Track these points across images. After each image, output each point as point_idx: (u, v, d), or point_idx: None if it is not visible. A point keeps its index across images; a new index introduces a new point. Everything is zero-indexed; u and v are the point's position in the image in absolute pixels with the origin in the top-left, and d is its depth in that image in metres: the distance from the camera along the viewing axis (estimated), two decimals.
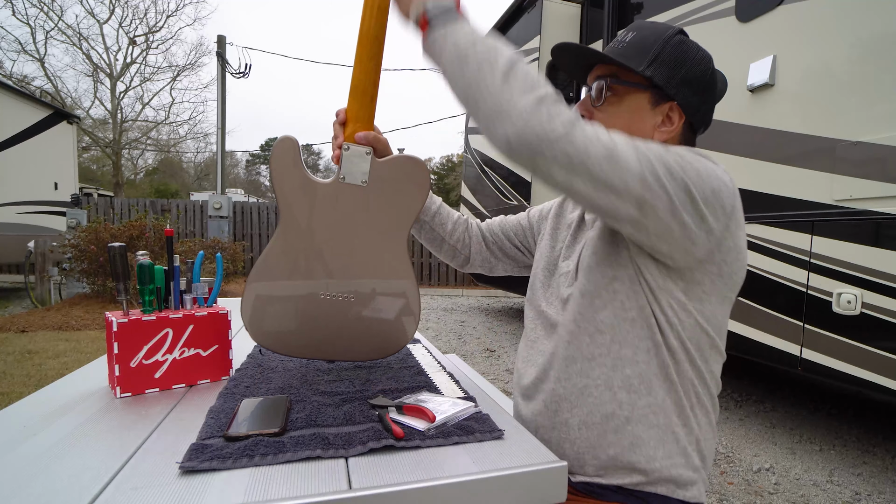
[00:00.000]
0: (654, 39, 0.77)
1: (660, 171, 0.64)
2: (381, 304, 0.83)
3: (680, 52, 0.77)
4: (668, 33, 0.78)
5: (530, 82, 0.63)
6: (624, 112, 0.78)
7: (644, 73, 0.76)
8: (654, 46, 0.77)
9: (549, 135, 0.61)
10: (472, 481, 0.51)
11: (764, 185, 2.28)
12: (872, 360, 1.84)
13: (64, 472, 0.52)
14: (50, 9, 16.34)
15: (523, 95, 0.62)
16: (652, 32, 0.78)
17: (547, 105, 0.62)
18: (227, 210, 8.78)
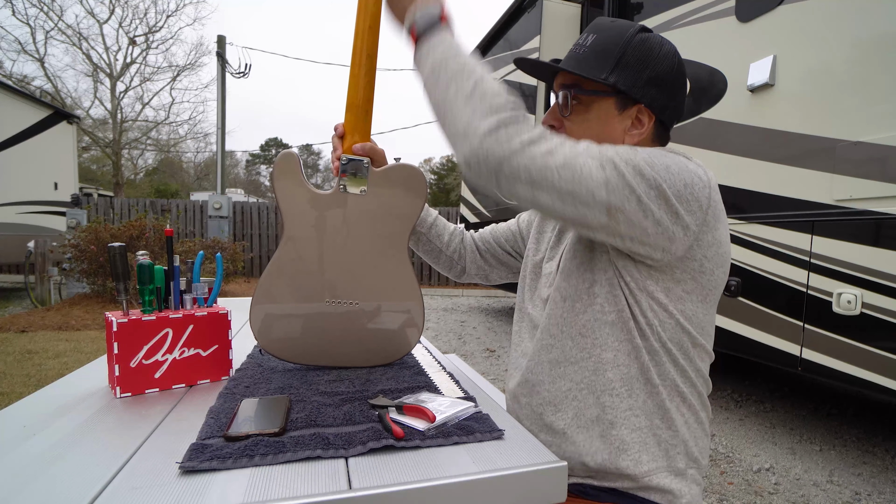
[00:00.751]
0: (615, 42, 0.75)
1: (626, 173, 0.63)
2: (386, 310, 0.86)
3: (643, 52, 0.75)
4: (629, 34, 0.75)
5: (493, 104, 0.64)
6: (592, 120, 0.77)
7: (607, 81, 0.74)
8: (615, 50, 0.75)
9: (507, 153, 0.63)
10: (472, 481, 0.51)
11: (764, 185, 2.28)
12: (872, 360, 1.84)
13: (64, 472, 0.52)
14: (50, 9, 16.34)
15: (484, 118, 0.64)
16: (613, 34, 0.76)
17: (506, 126, 0.64)
18: (227, 210, 8.78)
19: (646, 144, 0.78)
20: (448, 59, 0.68)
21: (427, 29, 0.72)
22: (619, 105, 0.76)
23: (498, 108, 0.64)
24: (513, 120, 0.64)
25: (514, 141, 0.63)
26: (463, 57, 0.69)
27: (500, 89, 0.67)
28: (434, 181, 35.49)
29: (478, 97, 0.65)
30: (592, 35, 0.77)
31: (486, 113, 0.64)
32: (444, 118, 0.68)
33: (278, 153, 0.87)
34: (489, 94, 0.65)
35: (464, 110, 0.65)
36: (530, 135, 0.64)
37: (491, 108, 0.64)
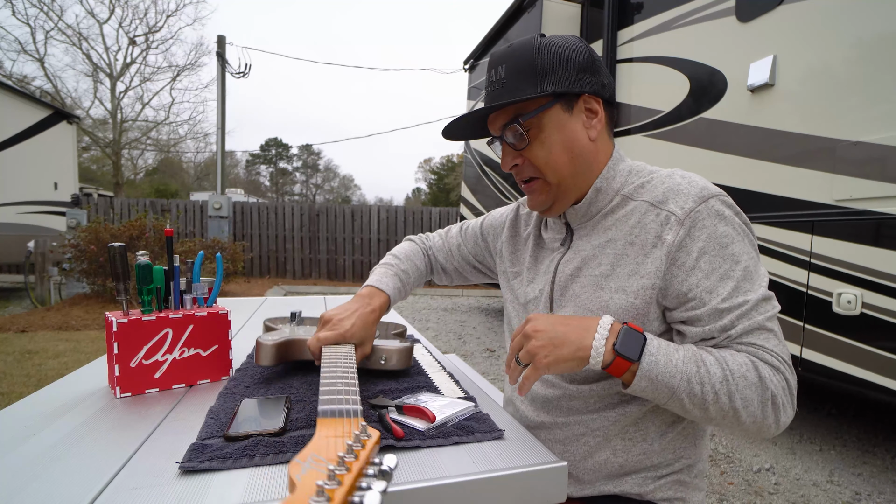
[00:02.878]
0: (527, 58, 0.74)
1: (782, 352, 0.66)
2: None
3: (556, 52, 0.74)
4: (534, 45, 0.75)
5: (751, 403, 0.62)
6: (551, 135, 0.75)
7: (544, 92, 0.73)
8: (532, 64, 0.74)
9: (774, 432, 0.66)
10: (472, 481, 0.51)
11: (764, 185, 2.28)
12: (872, 360, 1.84)
13: (64, 472, 0.52)
14: (50, 9, 16.34)
15: (762, 419, 0.63)
16: (519, 53, 0.75)
17: (776, 408, 0.63)
18: (227, 210, 8.78)
19: (603, 128, 0.78)
20: (681, 382, 0.62)
21: (632, 357, 0.63)
22: (565, 107, 0.75)
23: (759, 402, 0.63)
24: (770, 399, 0.63)
25: (780, 420, 0.64)
26: (685, 368, 0.63)
27: (733, 376, 0.62)
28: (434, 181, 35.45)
29: (735, 401, 0.62)
30: (501, 66, 0.76)
31: (754, 413, 0.63)
32: (715, 423, 0.66)
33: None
34: (739, 390, 0.62)
35: (733, 420, 0.63)
36: (781, 395, 0.64)
37: (753, 406, 0.62)
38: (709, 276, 0.67)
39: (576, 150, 0.76)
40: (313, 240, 9.54)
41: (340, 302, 1.70)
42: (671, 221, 0.69)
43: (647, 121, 3.01)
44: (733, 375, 0.62)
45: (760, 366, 0.63)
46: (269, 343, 0.78)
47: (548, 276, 0.83)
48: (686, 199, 0.70)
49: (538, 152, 0.76)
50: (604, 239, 0.76)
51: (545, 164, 0.76)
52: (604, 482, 0.76)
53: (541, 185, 0.78)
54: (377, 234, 9.55)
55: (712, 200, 0.69)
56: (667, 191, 0.72)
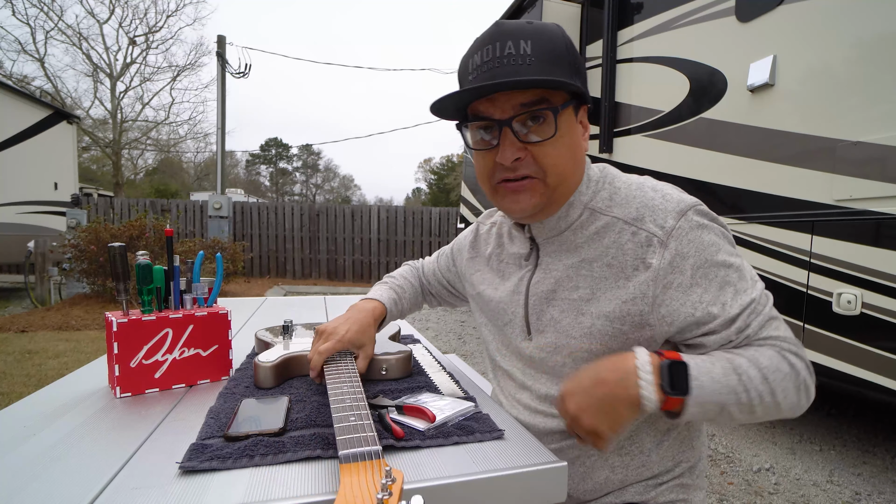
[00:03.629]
0: (562, 46, 0.66)
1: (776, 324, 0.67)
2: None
3: (577, 53, 0.69)
4: (562, 35, 0.68)
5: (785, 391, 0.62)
6: (564, 136, 0.68)
7: (578, 87, 0.66)
8: (568, 53, 0.67)
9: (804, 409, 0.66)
10: (472, 481, 0.51)
11: (764, 185, 2.27)
12: (872, 360, 1.84)
13: (64, 472, 0.52)
14: (50, 9, 16.35)
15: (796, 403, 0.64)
16: (554, 37, 0.66)
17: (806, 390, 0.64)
18: (227, 210, 8.78)
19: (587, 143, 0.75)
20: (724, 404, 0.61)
21: (682, 392, 0.59)
22: (575, 111, 0.70)
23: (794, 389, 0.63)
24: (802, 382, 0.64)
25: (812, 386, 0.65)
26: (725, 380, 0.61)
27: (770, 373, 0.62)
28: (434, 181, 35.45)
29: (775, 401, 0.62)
30: (525, 41, 0.65)
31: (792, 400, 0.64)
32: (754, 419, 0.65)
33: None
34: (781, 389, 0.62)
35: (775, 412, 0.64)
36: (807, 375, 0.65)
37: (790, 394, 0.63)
38: (708, 289, 0.65)
39: (578, 158, 0.71)
40: (313, 240, 9.54)
41: (340, 302, 1.70)
42: (653, 243, 0.66)
43: (647, 121, 3.01)
44: (770, 371, 0.61)
45: (787, 355, 0.63)
46: (267, 365, 0.77)
47: (519, 296, 0.78)
48: (665, 217, 0.66)
49: (550, 151, 0.67)
50: (577, 258, 0.72)
51: (553, 164, 0.68)
52: (607, 496, 0.76)
53: (537, 185, 0.69)
54: (377, 234, 9.55)
55: (690, 213, 0.66)
56: (640, 207, 0.68)
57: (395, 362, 0.83)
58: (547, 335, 0.74)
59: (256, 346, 0.98)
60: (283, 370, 0.80)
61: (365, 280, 9.57)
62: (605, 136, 3.34)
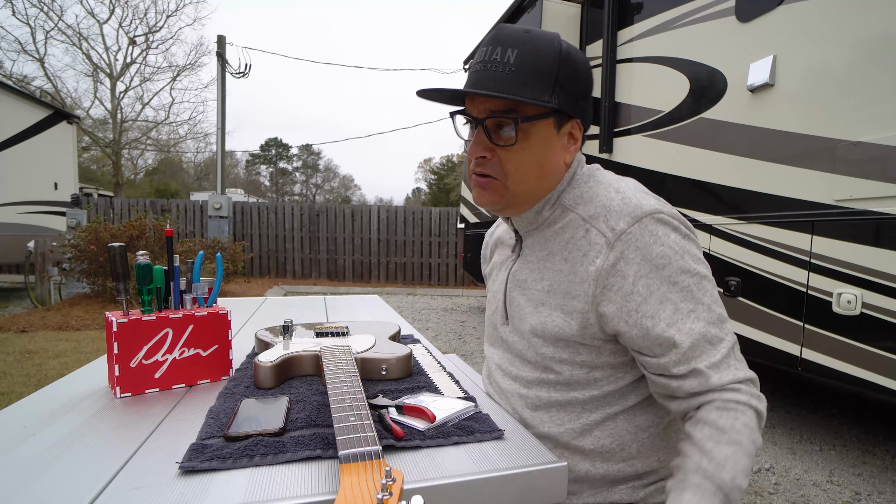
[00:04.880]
0: (547, 60, 0.68)
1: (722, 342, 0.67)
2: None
3: (572, 67, 0.70)
4: (556, 49, 0.69)
5: (755, 438, 0.63)
6: (534, 146, 0.71)
7: (550, 104, 0.68)
8: (551, 69, 0.68)
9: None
10: (472, 481, 0.51)
11: (764, 185, 2.28)
12: (872, 360, 1.84)
13: (64, 472, 0.52)
14: (50, 9, 16.34)
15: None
16: (539, 48, 0.68)
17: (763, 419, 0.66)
18: (227, 210, 8.78)
19: (576, 154, 0.76)
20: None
21: None
22: (556, 124, 0.71)
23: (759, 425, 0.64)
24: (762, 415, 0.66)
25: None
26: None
27: (743, 438, 0.62)
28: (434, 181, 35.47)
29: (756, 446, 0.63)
30: (511, 50, 0.67)
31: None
32: None
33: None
34: (753, 440, 0.63)
35: None
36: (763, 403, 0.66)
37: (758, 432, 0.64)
38: (647, 300, 0.65)
39: (548, 168, 0.73)
40: (313, 240, 9.54)
41: (340, 302, 1.70)
42: (600, 243, 0.67)
43: (647, 121, 3.01)
44: (741, 436, 0.61)
45: (754, 402, 0.64)
46: (267, 365, 0.78)
47: (502, 284, 0.83)
48: (617, 220, 0.67)
49: (513, 157, 0.71)
50: (545, 252, 0.75)
51: (515, 170, 0.71)
52: (591, 494, 0.76)
53: (497, 185, 0.73)
54: (377, 234, 9.54)
55: (645, 220, 0.66)
56: (599, 206, 0.70)
57: (395, 362, 0.83)
58: (516, 321, 0.79)
59: (256, 346, 0.98)
60: (283, 370, 0.80)
61: (365, 280, 9.57)
62: (605, 136, 3.34)
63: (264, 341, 0.93)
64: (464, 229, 6.64)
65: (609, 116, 3.32)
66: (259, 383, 0.77)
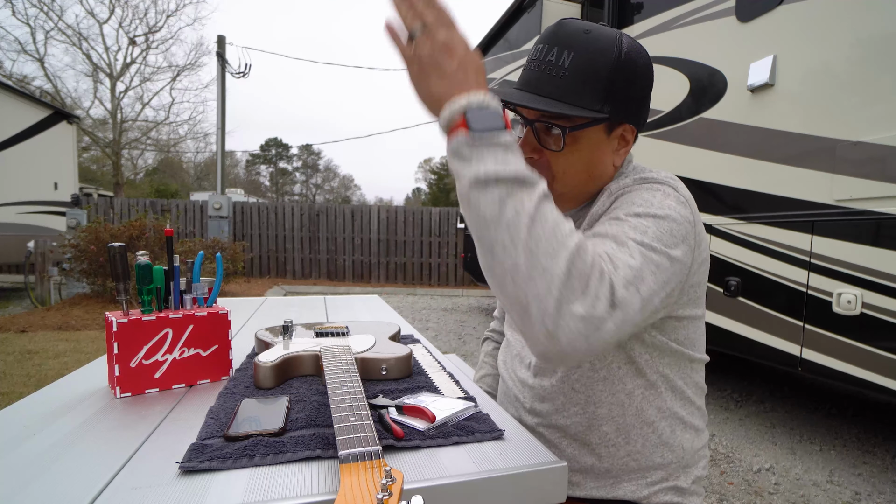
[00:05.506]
0: (602, 65, 0.66)
1: (652, 298, 0.57)
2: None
3: (629, 72, 0.68)
4: (615, 53, 0.67)
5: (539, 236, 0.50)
6: (583, 150, 0.71)
7: (602, 112, 0.67)
8: (604, 75, 0.67)
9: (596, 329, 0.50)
10: (472, 481, 0.51)
11: (764, 185, 2.28)
12: (872, 360, 1.84)
13: (64, 472, 0.52)
14: (50, 9, 16.35)
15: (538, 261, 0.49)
16: (597, 55, 0.66)
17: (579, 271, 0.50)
18: (227, 210, 8.78)
19: (625, 155, 0.75)
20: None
21: (481, 134, 0.53)
22: (607, 129, 0.71)
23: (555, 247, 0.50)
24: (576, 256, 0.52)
25: (598, 305, 0.51)
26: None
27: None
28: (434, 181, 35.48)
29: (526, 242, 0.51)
30: (568, 52, 0.67)
31: (544, 263, 0.50)
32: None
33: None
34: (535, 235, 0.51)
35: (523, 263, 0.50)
36: (604, 280, 0.52)
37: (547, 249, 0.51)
38: (607, 216, 0.66)
39: (596, 171, 0.73)
40: (313, 240, 9.54)
41: (340, 302, 1.70)
42: (604, 196, 0.71)
43: (647, 121, 3.01)
44: (546, 219, 0.50)
45: (588, 243, 0.53)
46: (267, 365, 0.77)
47: None
48: (627, 180, 0.71)
49: (561, 161, 0.71)
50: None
51: (563, 174, 0.72)
52: (595, 486, 0.76)
53: None
54: (377, 234, 9.55)
55: (651, 182, 0.68)
56: (627, 182, 0.72)
57: (395, 362, 0.83)
58: None
59: (256, 346, 0.98)
60: (283, 370, 0.80)
61: (365, 280, 9.57)
62: None
63: (264, 341, 0.93)
64: (464, 229, 6.64)
65: None
66: (259, 383, 0.77)
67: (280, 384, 0.79)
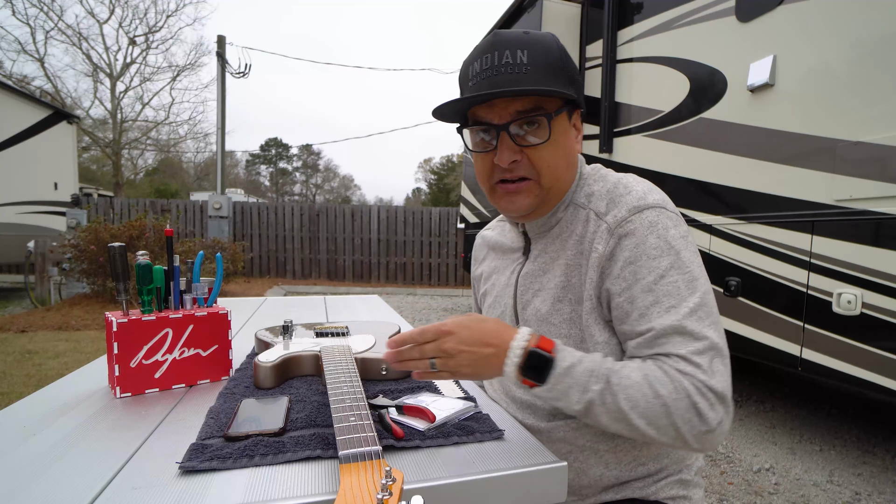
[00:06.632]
0: (557, 55, 0.70)
1: (719, 325, 0.65)
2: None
3: (570, 60, 0.72)
4: (557, 44, 0.71)
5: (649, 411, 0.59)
6: (558, 140, 0.72)
7: (570, 94, 0.69)
8: (562, 63, 0.70)
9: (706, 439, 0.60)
10: (472, 481, 0.51)
11: (764, 185, 2.27)
12: (872, 360, 1.84)
13: (64, 472, 0.52)
14: (50, 9, 16.34)
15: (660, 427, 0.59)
16: (548, 47, 0.70)
17: (687, 414, 0.59)
18: (227, 210, 8.78)
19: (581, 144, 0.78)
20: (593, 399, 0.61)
21: (540, 378, 0.62)
22: (569, 116, 0.74)
23: (662, 415, 0.59)
24: (687, 408, 0.60)
25: (709, 417, 0.59)
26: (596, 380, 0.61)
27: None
28: (434, 181, 35.47)
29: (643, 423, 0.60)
30: (522, 51, 0.68)
31: (663, 423, 0.60)
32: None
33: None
34: (626, 397, 0.61)
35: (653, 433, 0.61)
36: (693, 396, 0.59)
37: (656, 419, 0.60)
38: (631, 286, 0.66)
39: (570, 160, 0.76)
40: (313, 240, 9.54)
41: (340, 302, 1.70)
42: (602, 231, 0.70)
43: (647, 121, 3.01)
44: (656, 385, 0.59)
45: (689, 390, 0.59)
46: (267, 365, 0.77)
47: (509, 289, 0.83)
48: (621, 209, 0.69)
49: (545, 153, 0.71)
50: (559, 249, 0.77)
51: (548, 166, 0.72)
52: (604, 492, 0.76)
53: (532, 186, 0.73)
54: (377, 234, 9.55)
55: (647, 211, 0.68)
56: (609, 201, 0.72)
57: None
58: (531, 324, 0.79)
59: (256, 346, 0.98)
60: (283, 370, 0.80)
61: (365, 280, 9.57)
62: (605, 136, 3.34)
63: (264, 341, 0.93)
64: (464, 229, 6.64)
65: (609, 116, 3.32)
66: (259, 383, 0.77)
67: (280, 384, 0.79)
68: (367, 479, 0.43)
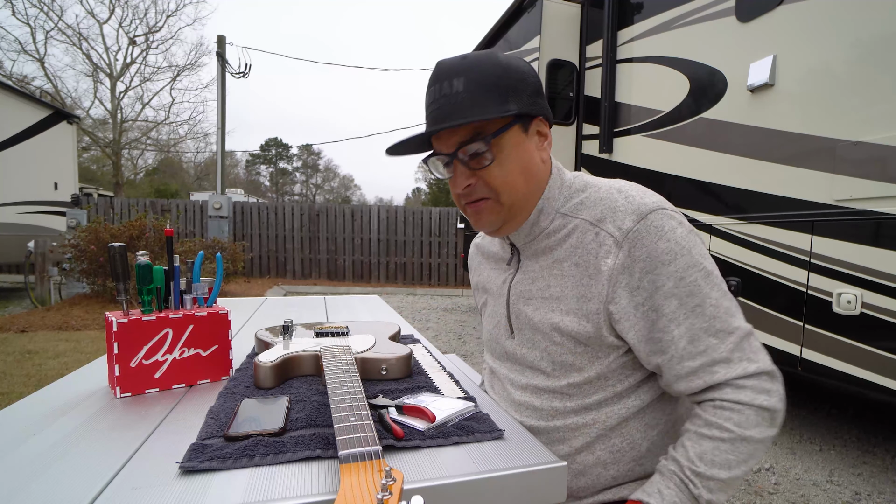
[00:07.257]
0: (493, 73, 0.70)
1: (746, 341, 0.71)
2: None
3: (515, 69, 0.72)
4: (497, 60, 0.71)
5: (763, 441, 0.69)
6: (510, 155, 0.72)
7: (510, 112, 0.69)
8: (498, 81, 0.70)
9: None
10: (472, 481, 0.51)
11: (764, 185, 2.28)
12: (872, 360, 1.84)
13: (64, 472, 0.52)
14: (50, 9, 16.35)
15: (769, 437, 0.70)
16: (484, 68, 0.70)
17: (778, 417, 0.72)
18: (227, 210, 8.78)
19: (549, 149, 0.78)
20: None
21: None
22: (522, 128, 0.73)
23: (768, 429, 0.71)
24: (777, 413, 0.73)
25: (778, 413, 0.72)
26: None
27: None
28: (434, 181, 35.42)
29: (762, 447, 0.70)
30: (457, 79, 0.70)
31: (770, 434, 0.71)
32: None
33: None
34: (757, 450, 0.69)
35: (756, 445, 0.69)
36: (774, 400, 0.72)
37: (768, 435, 0.71)
38: (652, 296, 0.67)
39: (531, 171, 0.74)
40: (313, 240, 9.54)
41: (340, 302, 1.70)
42: (609, 244, 0.69)
43: (647, 121, 3.01)
44: (725, 434, 0.66)
45: (754, 402, 0.68)
46: (267, 365, 0.77)
47: (502, 298, 0.84)
48: (623, 219, 0.69)
49: (496, 172, 0.72)
50: (550, 259, 0.76)
51: (502, 184, 0.72)
52: (602, 493, 0.77)
53: (492, 205, 0.74)
54: (377, 234, 9.55)
55: (651, 216, 0.68)
56: (604, 209, 0.72)
57: (395, 362, 0.83)
58: (525, 332, 0.80)
59: (256, 346, 0.98)
60: (283, 370, 0.80)
61: (365, 280, 9.57)
62: (605, 137, 3.34)
63: (264, 341, 0.93)
64: (464, 229, 6.64)
65: (609, 116, 3.32)
66: (259, 383, 0.77)
67: (280, 384, 0.79)
68: (367, 479, 0.43)
